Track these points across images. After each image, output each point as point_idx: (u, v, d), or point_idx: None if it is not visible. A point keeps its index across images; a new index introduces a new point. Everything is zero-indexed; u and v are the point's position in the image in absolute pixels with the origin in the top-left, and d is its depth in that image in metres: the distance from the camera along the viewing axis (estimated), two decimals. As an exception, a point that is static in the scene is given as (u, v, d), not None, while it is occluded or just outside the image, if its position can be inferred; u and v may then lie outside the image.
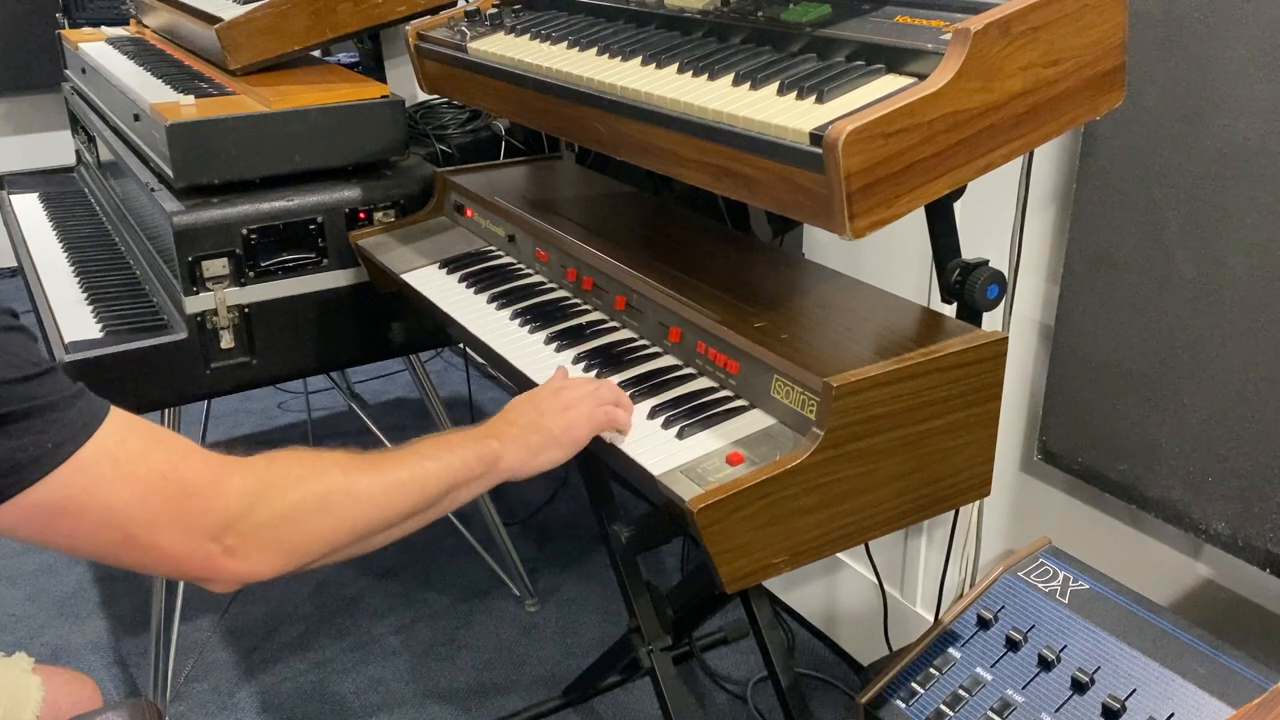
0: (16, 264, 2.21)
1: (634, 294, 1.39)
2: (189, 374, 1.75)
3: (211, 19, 1.96)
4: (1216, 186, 1.26)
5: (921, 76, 1.02)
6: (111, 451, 0.87)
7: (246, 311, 1.77)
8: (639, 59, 1.30)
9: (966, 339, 1.14)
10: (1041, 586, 1.26)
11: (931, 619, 1.83)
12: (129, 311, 1.85)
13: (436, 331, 1.99)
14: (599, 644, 2.12)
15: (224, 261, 1.73)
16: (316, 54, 2.20)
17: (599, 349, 1.35)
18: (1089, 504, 1.57)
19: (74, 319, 1.80)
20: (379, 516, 1.03)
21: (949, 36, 1.00)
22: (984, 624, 1.24)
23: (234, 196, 1.76)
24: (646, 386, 1.24)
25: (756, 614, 1.64)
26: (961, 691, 1.18)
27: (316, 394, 3.14)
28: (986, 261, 1.21)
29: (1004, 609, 1.25)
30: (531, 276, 1.58)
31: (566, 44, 1.44)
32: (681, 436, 1.14)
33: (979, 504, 1.68)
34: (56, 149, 3.68)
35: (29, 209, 2.46)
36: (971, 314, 1.22)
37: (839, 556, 2.05)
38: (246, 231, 1.74)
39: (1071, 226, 1.45)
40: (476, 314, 1.50)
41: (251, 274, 1.76)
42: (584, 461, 1.70)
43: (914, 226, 1.17)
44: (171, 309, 1.80)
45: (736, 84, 1.15)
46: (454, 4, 1.92)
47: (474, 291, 1.56)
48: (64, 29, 2.85)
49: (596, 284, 1.46)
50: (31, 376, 0.84)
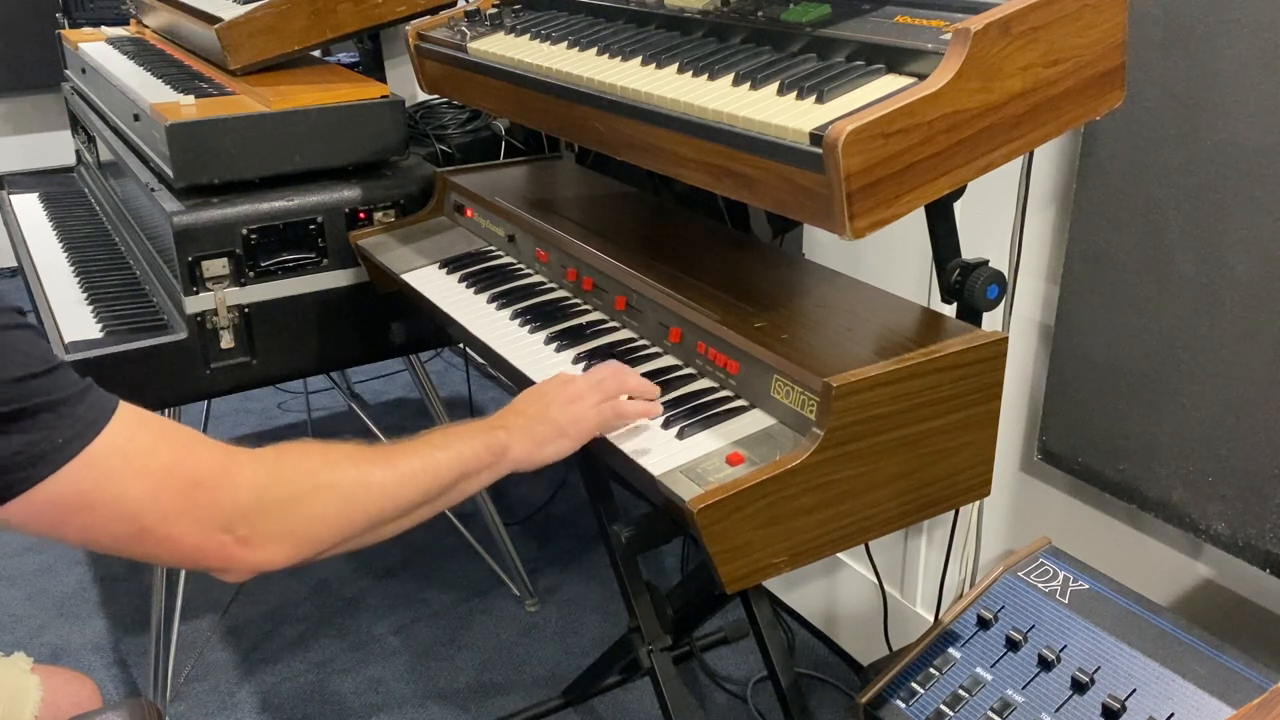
0: (16, 264, 2.21)
1: (634, 294, 1.39)
2: (189, 374, 1.75)
3: (211, 19, 1.96)
4: (1216, 186, 1.26)
5: (921, 76, 1.02)
6: (122, 446, 0.88)
7: (246, 311, 1.77)
8: (639, 59, 1.30)
9: (966, 339, 1.14)
10: (1041, 586, 1.26)
11: (931, 619, 1.83)
12: (129, 311, 1.85)
13: (436, 331, 1.99)
14: (599, 644, 2.12)
15: (224, 261, 1.73)
16: (316, 54, 2.20)
17: (599, 349, 1.35)
18: (1089, 504, 1.57)
19: (74, 319, 1.80)
20: (390, 506, 1.03)
21: (949, 36, 1.00)
22: (984, 624, 1.24)
23: (234, 196, 1.76)
24: (646, 386, 1.24)
25: (756, 614, 1.64)
26: (961, 691, 1.18)
27: (316, 394, 3.14)
28: (986, 261, 1.21)
29: (1004, 609, 1.25)
30: (531, 276, 1.58)
31: (566, 44, 1.44)
32: (681, 436, 1.14)
33: (979, 504, 1.68)
34: (56, 149, 3.68)
35: (29, 209, 2.46)
36: (971, 314, 1.22)
37: (839, 556, 2.05)
38: (246, 231, 1.74)
39: (1071, 226, 1.45)
40: (476, 314, 1.50)
41: (251, 274, 1.76)
42: (584, 461, 1.69)
43: (914, 226, 1.17)
44: (171, 309, 1.80)
45: (736, 84, 1.15)
46: (454, 4, 1.92)
47: (474, 291, 1.56)
48: (64, 29, 2.85)
49: (596, 284, 1.46)
50: (40, 373, 0.85)
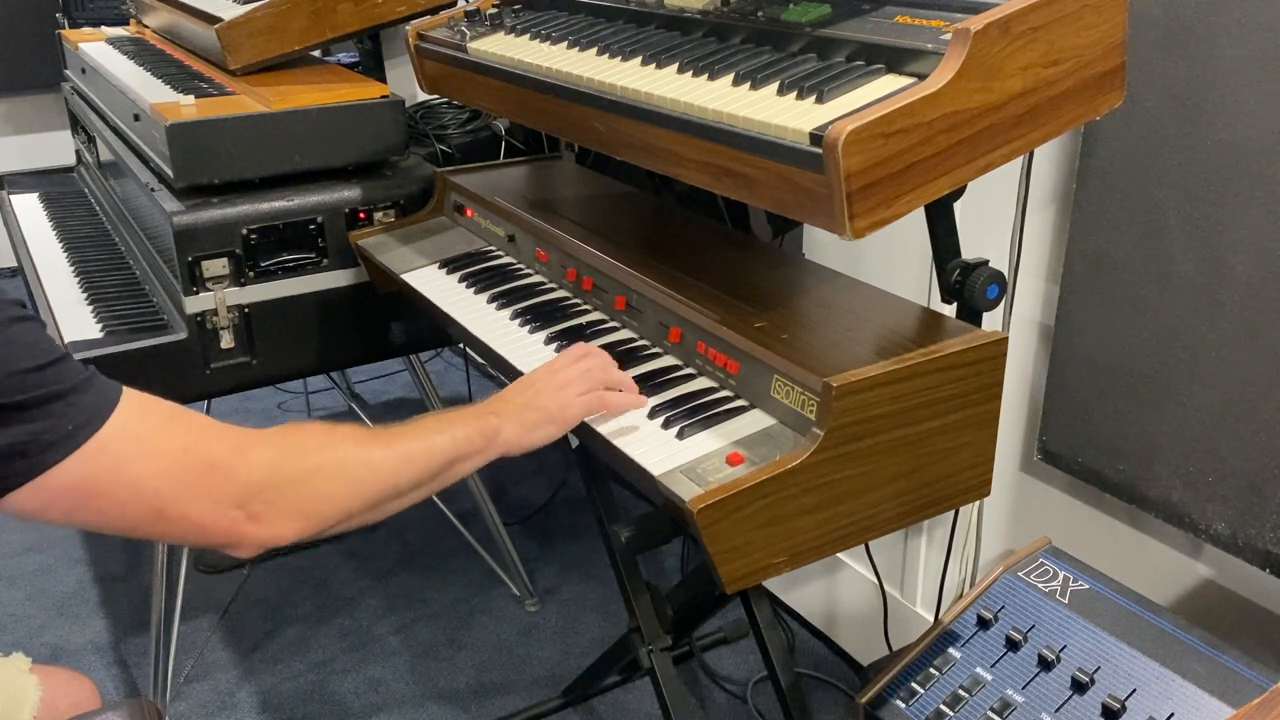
0: (16, 264, 2.21)
1: (634, 294, 1.39)
2: (189, 374, 1.75)
3: (211, 19, 1.96)
4: (1216, 186, 1.26)
5: (921, 76, 1.02)
6: (133, 429, 0.91)
7: (246, 311, 1.77)
8: (639, 59, 1.30)
9: (966, 339, 1.14)
10: (1041, 586, 1.26)
11: (931, 619, 1.83)
12: (129, 311, 1.84)
13: (436, 331, 1.99)
14: (599, 644, 2.12)
15: (224, 261, 1.73)
16: (316, 54, 2.20)
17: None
18: (1089, 504, 1.57)
19: (74, 319, 1.80)
20: (390, 485, 1.07)
21: (949, 36, 1.00)
22: (984, 624, 1.24)
23: (234, 196, 1.76)
24: (646, 386, 1.24)
25: (756, 614, 1.64)
26: (961, 691, 1.18)
27: (316, 394, 3.14)
28: (986, 261, 1.21)
29: (1004, 609, 1.25)
30: (531, 276, 1.58)
31: (566, 44, 1.44)
32: (681, 436, 1.14)
33: (979, 504, 1.68)
34: (56, 149, 3.68)
35: (29, 209, 2.46)
36: (971, 314, 1.22)
37: (839, 556, 2.05)
38: (246, 231, 1.74)
39: (1071, 226, 1.45)
40: (476, 314, 1.50)
41: (251, 274, 1.76)
42: (584, 462, 1.70)
43: (914, 226, 1.17)
44: (171, 309, 1.80)
45: (736, 84, 1.15)
46: (454, 4, 1.92)
47: (474, 291, 1.56)
48: (64, 29, 2.85)
49: (596, 284, 1.46)
50: (47, 364, 0.87)
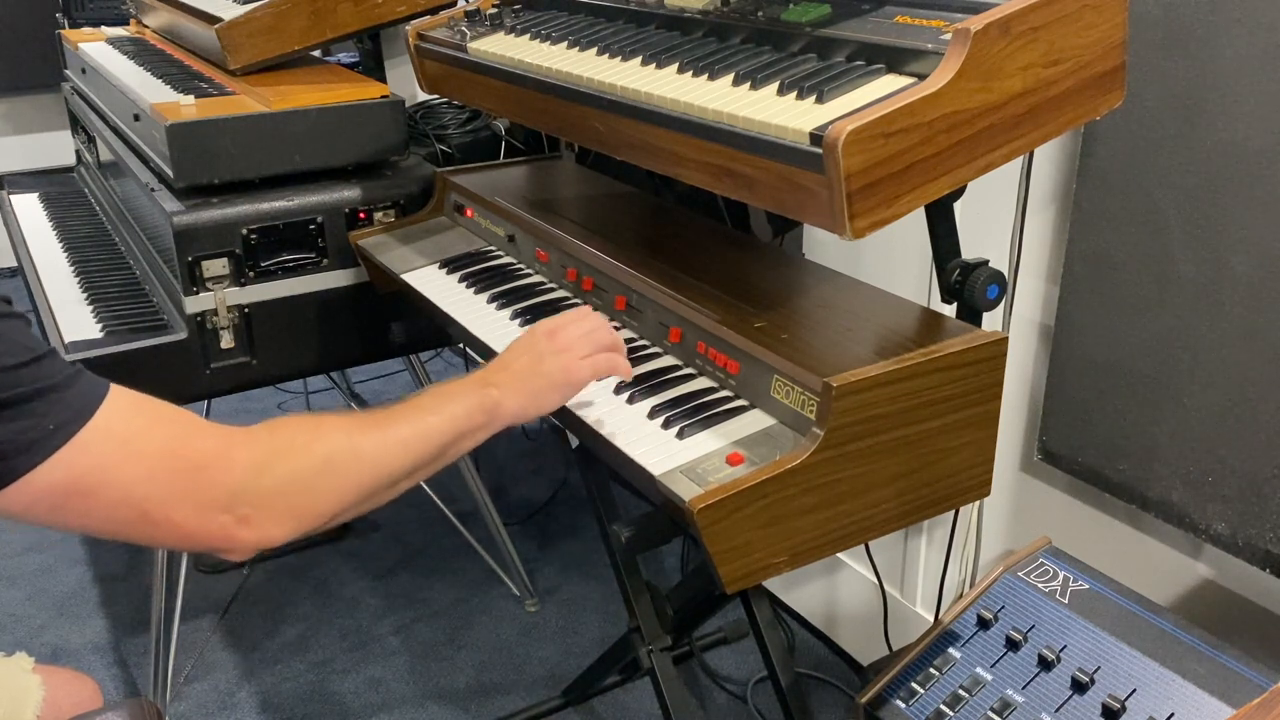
0: (16, 264, 2.21)
1: (634, 294, 1.39)
2: (189, 374, 1.75)
3: (211, 19, 1.96)
4: (1216, 186, 1.26)
5: (921, 76, 1.02)
6: (117, 430, 0.89)
7: (246, 311, 1.77)
8: (639, 59, 1.30)
9: (966, 339, 1.14)
10: (1041, 586, 1.26)
11: (931, 619, 1.83)
12: (129, 311, 1.84)
13: (436, 331, 1.99)
14: (599, 644, 2.12)
15: (224, 261, 1.73)
16: (316, 54, 2.20)
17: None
18: (1089, 504, 1.57)
19: (74, 319, 1.80)
20: (385, 474, 1.04)
21: (949, 36, 1.00)
22: (984, 624, 1.24)
23: (234, 196, 1.76)
24: (646, 386, 1.24)
25: (756, 614, 1.64)
26: (961, 691, 1.18)
27: (316, 394, 3.14)
28: (986, 261, 1.21)
29: (1004, 609, 1.25)
30: (531, 276, 1.58)
31: (566, 44, 1.44)
32: (681, 436, 1.14)
33: (979, 504, 1.68)
34: (56, 149, 3.68)
35: (29, 209, 2.46)
36: (971, 314, 1.22)
37: (839, 556, 2.05)
38: (246, 231, 1.74)
39: (1071, 226, 1.45)
40: (476, 314, 1.50)
41: (251, 274, 1.76)
42: (584, 461, 1.70)
43: (914, 226, 1.17)
44: (171, 309, 1.80)
45: (736, 84, 1.15)
46: (454, 4, 1.92)
47: (474, 291, 1.56)
48: (64, 29, 2.85)
49: (596, 284, 1.46)
50: (29, 361, 0.85)
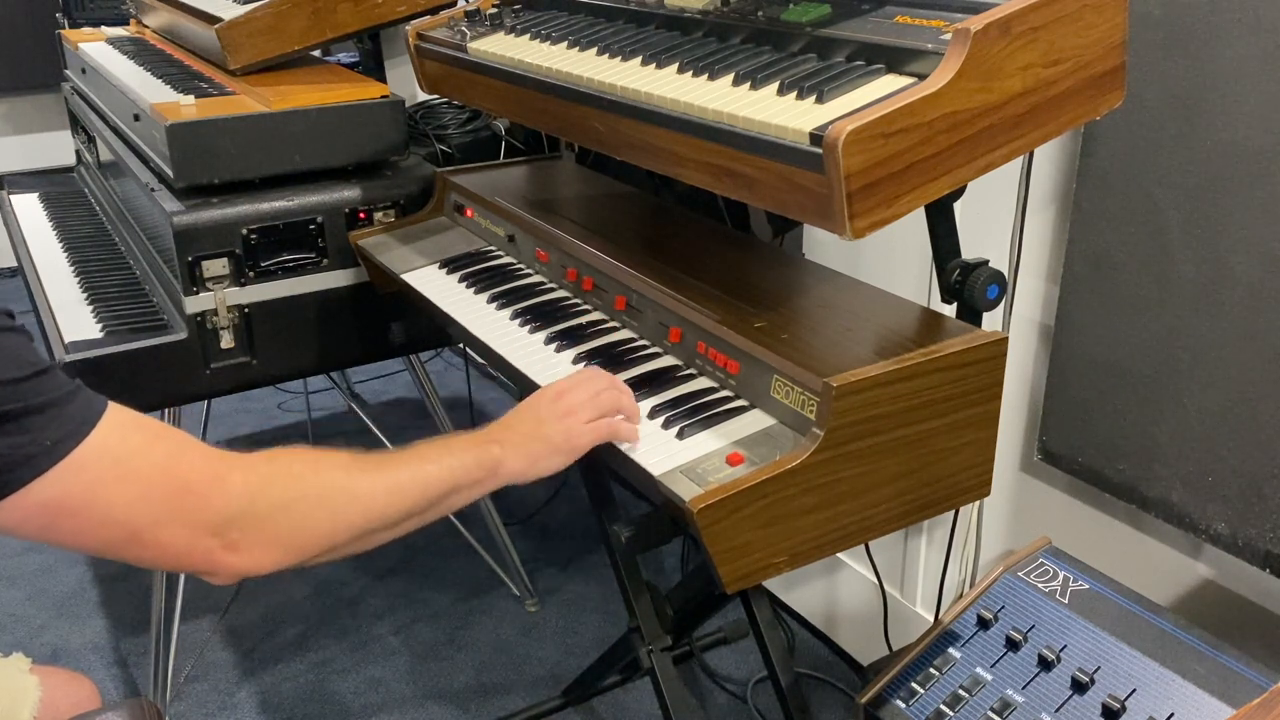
0: (16, 264, 2.21)
1: (634, 294, 1.39)
2: (189, 374, 1.75)
3: (211, 19, 1.96)
4: (1216, 186, 1.26)
5: (921, 76, 1.02)
6: (112, 449, 0.88)
7: (246, 311, 1.77)
8: (639, 59, 1.30)
9: (966, 339, 1.14)
10: (1041, 586, 1.26)
11: (931, 619, 1.83)
12: (129, 311, 1.84)
13: (436, 331, 1.99)
14: (599, 644, 2.12)
15: (224, 261, 1.73)
16: (316, 54, 2.20)
17: (599, 349, 1.35)
18: (1089, 504, 1.57)
19: (74, 319, 1.80)
20: (378, 516, 1.03)
21: (949, 36, 1.00)
22: (984, 624, 1.24)
23: (234, 196, 1.76)
24: (646, 387, 1.24)
25: (756, 614, 1.63)
26: (961, 691, 1.18)
27: (316, 394, 3.14)
28: (986, 261, 1.21)
29: (1004, 609, 1.25)
30: (531, 276, 1.58)
31: (566, 44, 1.44)
32: (681, 436, 1.14)
33: (979, 504, 1.68)
34: (56, 149, 3.68)
35: (29, 209, 2.46)
36: (971, 314, 1.22)
37: (839, 556, 2.05)
38: (246, 231, 1.74)
39: (1071, 226, 1.45)
40: (476, 314, 1.50)
41: (251, 274, 1.76)
42: (584, 461, 1.69)
43: (914, 226, 1.17)
44: (171, 309, 1.80)
45: (736, 84, 1.15)
46: (454, 4, 1.92)
47: (474, 291, 1.56)
48: (64, 29, 2.85)
49: (596, 284, 1.46)
50: (29, 376, 0.85)
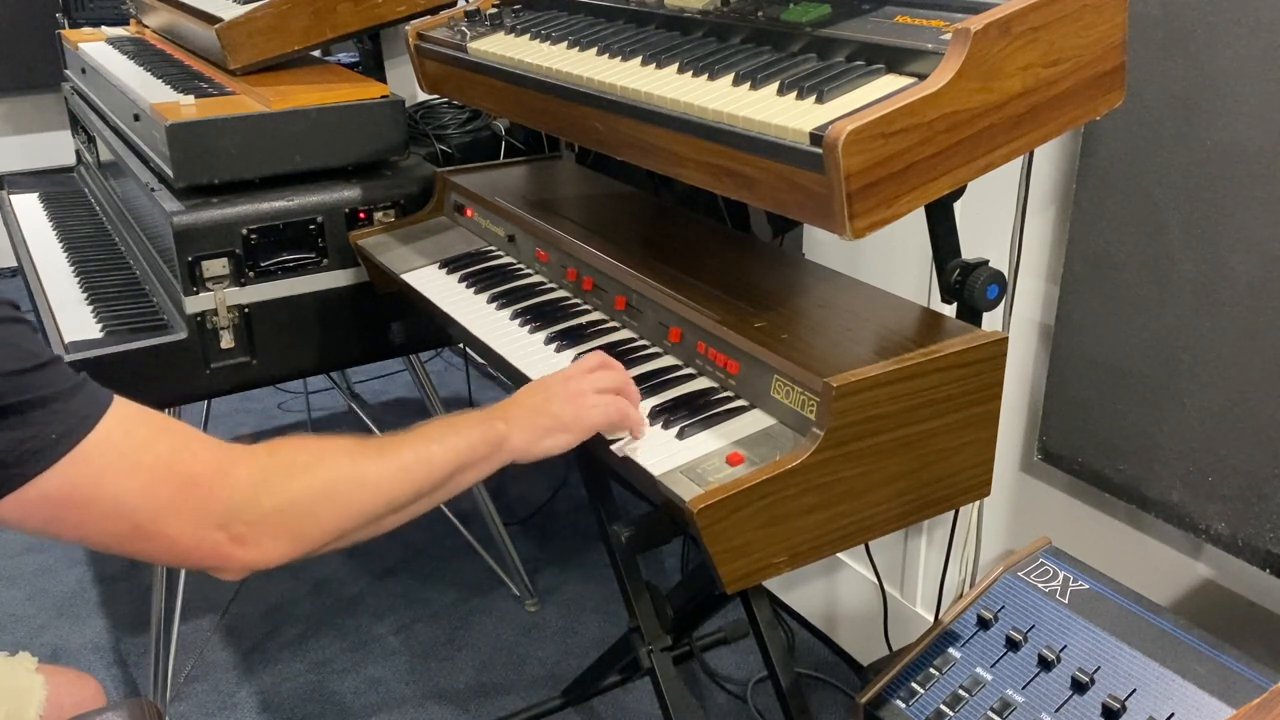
0: (16, 264, 2.21)
1: (634, 294, 1.39)
2: (189, 374, 1.75)
3: (211, 19, 1.96)
4: (1216, 186, 1.26)
5: (921, 76, 1.02)
6: (117, 442, 0.87)
7: (246, 311, 1.77)
8: (639, 59, 1.30)
9: (966, 339, 1.14)
10: (1041, 586, 1.26)
11: (931, 619, 1.83)
12: (129, 311, 1.84)
13: (436, 331, 1.99)
14: (599, 644, 2.12)
15: (224, 261, 1.73)
16: (316, 54, 2.20)
17: (599, 349, 1.34)
18: (1089, 504, 1.57)
19: (74, 319, 1.80)
20: (385, 501, 1.03)
21: (949, 36, 1.00)
22: (984, 624, 1.24)
23: (234, 196, 1.76)
24: (646, 386, 1.24)
25: (756, 614, 1.63)
26: (961, 691, 1.18)
27: (316, 394, 3.14)
28: (986, 261, 1.21)
29: (1004, 609, 1.25)
30: (531, 276, 1.58)
31: (566, 44, 1.44)
32: (681, 436, 1.14)
33: (979, 504, 1.68)
34: (56, 149, 3.68)
35: (29, 209, 2.46)
36: (971, 314, 1.22)
37: (839, 556, 2.05)
38: (246, 231, 1.74)
39: (1071, 226, 1.45)
40: (476, 314, 1.50)
41: (251, 274, 1.76)
42: (584, 461, 1.69)
43: (914, 226, 1.17)
44: (171, 309, 1.80)
45: (736, 84, 1.15)
46: (454, 4, 1.92)
47: (474, 291, 1.56)
48: (64, 29, 2.85)
49: (596, 284, 1.46)
50: (33, 368, 0.84)
